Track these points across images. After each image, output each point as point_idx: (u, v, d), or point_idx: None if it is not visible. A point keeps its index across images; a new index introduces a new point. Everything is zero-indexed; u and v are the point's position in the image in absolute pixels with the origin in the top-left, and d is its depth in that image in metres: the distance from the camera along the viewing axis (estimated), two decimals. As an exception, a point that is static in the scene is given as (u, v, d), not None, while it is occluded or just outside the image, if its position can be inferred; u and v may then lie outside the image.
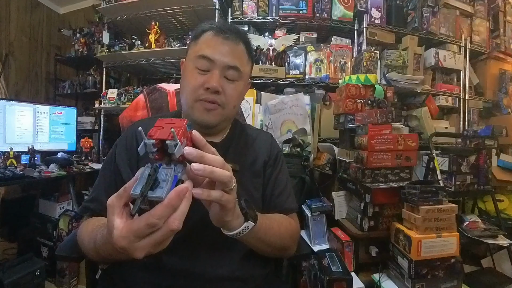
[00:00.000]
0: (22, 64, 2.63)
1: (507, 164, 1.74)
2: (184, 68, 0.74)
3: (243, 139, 0.79)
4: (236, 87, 0.71)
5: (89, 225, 0.63)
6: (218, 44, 0.68)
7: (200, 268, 0.63)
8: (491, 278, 1.37)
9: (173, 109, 0.98)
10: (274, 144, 0.84)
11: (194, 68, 0.69)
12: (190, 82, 0.69)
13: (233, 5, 1.91)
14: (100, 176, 0.73)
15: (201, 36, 0.70)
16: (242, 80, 0.72)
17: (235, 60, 0.69)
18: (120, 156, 0.71)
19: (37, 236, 1.80)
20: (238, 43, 0.70)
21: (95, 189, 0.71)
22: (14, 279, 1.38)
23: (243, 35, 0.73)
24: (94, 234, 0.55)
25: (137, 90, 2.03)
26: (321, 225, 1.41)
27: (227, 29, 0.70)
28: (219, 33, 0.68)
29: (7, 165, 1.64)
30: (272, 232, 0.64)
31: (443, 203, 1.12)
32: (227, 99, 0.69)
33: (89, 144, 2.14)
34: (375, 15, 1.85)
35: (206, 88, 0.66)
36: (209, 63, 0.67)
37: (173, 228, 0.37)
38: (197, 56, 0.68)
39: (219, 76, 0.67)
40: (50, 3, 2.89)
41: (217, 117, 0.70)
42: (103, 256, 0.54)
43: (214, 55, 0.67)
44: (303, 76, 1.89)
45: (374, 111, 1.27)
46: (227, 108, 0.70)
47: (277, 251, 0.70)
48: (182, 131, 0.39)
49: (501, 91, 2.13)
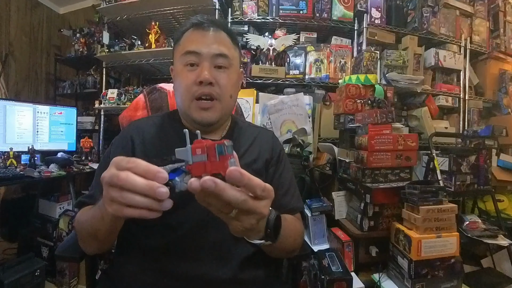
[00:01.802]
0: (22, 64, 2.63)
1: (507, 164, 1.74)
2: (174, 72, 0.74)
3: (244, 136, 0.78)
4: (229, 75, 0.70)
5: (85, 210, 0.64)
6: (200, 37, 0.68)
7: (200, 270, 0.63)
8: (491, 278, 1.37)
9: (173, 109, 0.97)
10: (276, 142, 0.83)
11: (182, 67, 0.68)
12: (182, 82, 0.68)
13: (233, 5, 1.91)
14: (97, 175, 0.72)
15: (182, 36, 0.71)
16: (232, 68, 0.71)
17: (220, 47, 0.68)
18: (115, 155, 0.70)
19: (37, 236, 1.80)
20: (219, 31, 0.70)
21: (92, 187, 0.71)
22: (14, 279, 1.38)
23: (222, 23, 0.73)
24: (90, 210, 0.56)
25: (137, 90, 2.02)
26: (321, 225, 1.41)
27: (205, 20, 0.70)
28: (198, 26, 0.69)
29: (7, 165, 1.64)
30: (287, 240, 0.63)
31: (443, 203, 1.12)
32: (222, 90, 0.68)
33: (89, 144, 2.14)
34: (375, 15, 1.85)
35: (199, 82, 0.66)
36: (196, 56, 0.67)
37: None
38: (183, 54, 0.68)
39: (209, 67, 0.67)
40: (50, 3, 2.90)
41: (216, 113, 0.69)
42: (96, 229, 0.53)
43: (199, 47, 0.67)
44: (303, 76, 1.89)
45: (374, 111, 1.27)
46: (223, 100, 0.70)
47: (285, 254, 0.71)
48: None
49: (501, 91, 2.13)
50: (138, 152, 0.69)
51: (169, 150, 0.64)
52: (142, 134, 0.72)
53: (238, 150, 0.74)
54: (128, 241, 0.68)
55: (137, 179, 0.36)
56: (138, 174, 0.37)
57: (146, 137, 0.72)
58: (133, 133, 0.72)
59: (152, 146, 0.70)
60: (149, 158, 0.50)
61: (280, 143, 0.87)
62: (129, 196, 0.37)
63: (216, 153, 0.36)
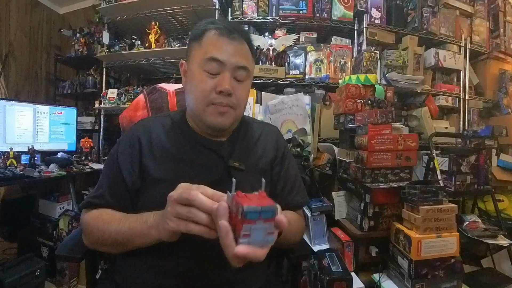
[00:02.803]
0: (22, 64, 2.63)
1: (507, 164, 1.74)
2: (188, 71, 0.71)
3: (249, 135, 0.79)
4: (245, 86, 0.70)
5: (104, 213, 0.65)
6: (226, 45, 0.66)
7: (202, 269, 0.63)
8: (491, 278, 1.37)
9: (172, 109, 0.97)
10: (280, 139, 0.83)
11: (202, 71, 0.66)
12: (199, 86, 0.67)
13: (233, 5, 1.91)
14: (104, 174, 0.73)
15: (204, 36, 0.67)
16: (249, 79, 0.71)
17: (243, 60, 0.67)
18: (123, 155, 0.70)
19: (37, 236, 1.80)
20: (243, 42, 0.68)
21: (100, 186, 0.70)
22: (14, 279, 1.38)
23: (246, 33, 0.72)
24: (122, 220, 0.60)
25: (137, 90, 2.03)
26: (321, 225, 1.40)
27: (232, 28, 0.68)
28: (225, 33, 0.66)
29: (7, 165, 1.64)
30: (285, 238, 0.64)
31: (443, 203, 1.12)
32: (238, 100, 0.69)
33: (89, 144, 2.14)
34: (375, 15, 1.85)
35: (218, 91, 0.65)
36: (219, 65, 0.65)
37: None
38: (205, 59, 0.66)
39: (230, 78, 0.66)
40: (50, 3, 2.90)
41: (230, 119, 0.69)
42: (129, 240, 0.59)
43: (224, 56, 0.65)
44: (303, 76, 1.89)
45: (374, 111, 1.27)
46: (238, 109, 0.70)
47: (286, 246, 0.75)
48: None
49: (501, 91, 2.13)
50: (145, 152, 0.69)
51: (176, 152, 0.68)
52: (149, 134, 0.72)
53: (244, 149, 0.75)
54: None
55: (205, 198, 0.45)
56: (206, 196, 0.46)
57: (153, 137, 0.71)
58: (140, 133, 0.72)
59: (159, 147, 0.70)
60: (159, 160, 0.63)
61: (284, 139, 0.87)
62: (196, 212, 0.45)
63: (239, 213, 0.40)
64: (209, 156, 0.70)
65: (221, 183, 0.58)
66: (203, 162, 0.69)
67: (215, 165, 0.69)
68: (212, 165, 0.69)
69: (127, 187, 0.67)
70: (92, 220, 0.65)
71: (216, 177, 0.66)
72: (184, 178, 0.61)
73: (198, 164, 0.69)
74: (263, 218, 0.39)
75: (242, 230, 0.39)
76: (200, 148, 0.71)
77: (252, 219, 0.39)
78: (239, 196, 0.42)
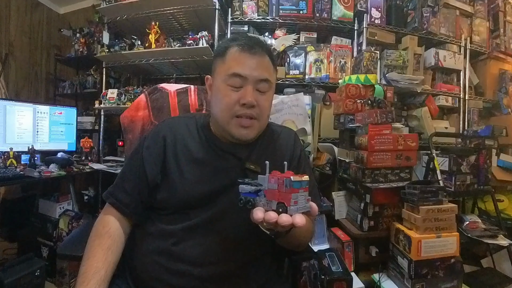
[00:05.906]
0: (22, 64, 2.63)
1: (507, 164, 1.74)
2: (213, 86, 0.75)
3: (267, 138, 0.81)
4: (268, 97, 0.73)
5: (103, 239, 0.69)
6: (247, 60, 0.69)
7: (210, 259, 0.67)
8: (491, 278, 1.37)
9: (173, 109, 0.98)
10: (297, 143, 0.85)
11: (226, 85, 0.70)
12: (223, 100, 0.70)
13: (233, 5, 1.91)
14: (127, 166, 0.78)
15: (227, 53, 0.71)
16: (271, 90, 0.75)
17: (264, 73, 0.71)
18: (148, 149, 0.75)
19: (37, 236, 1.80)
20: (264, 55, 0.72)
21: (125, 179, 0.75)
22: (14, 279, 1.38)
23: (267, 47, 0.75)
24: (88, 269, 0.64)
25: (137, 90, 2.02)
26: (321, 225, 1.41)
27: (254, 43, 0.71)
28: (246, 48, 0.70)
29: (7, 165, 1.64)
30: (295, 238, 0.68)
31: (443, 203, 1.13)
32: (261, 111, 0.71)
33: (89, 144, 2.14)
34: (375, 15, 1.85)
35: (242, 104, 0.68)
36: (241, 80, 0.69)
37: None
38: (229, 74, 0.69)
39: (252, 90, 0.69)
40: (50, 3, 2.90)
41: (254, 131, 0.72)
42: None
43: (245, 71, 0.69)
44: (303, 76, 1.89)
45: (374, 111, 1.27)
46: (262, 120, 0.73)
47: (294, 246, 0.75)
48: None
49: (501, 91, 2.13)
50: (168, 151, 0.74)
51: (197, 153, 0.74)
52: (174, 135, 0.76)
53: (262, 152, 0.77)
54: (147, 227, 0.73)
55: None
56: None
57: (178, 138, 0.75)
58: (166, 132, 0.76)
59: (182, 148, 0.74)
60: (181, 160, 0.73)
61: (301, 143, 0.89)
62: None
63: (284, 185, 0.48)
64: (228, 158, 0.74)
65: (237, 185, 0.59)
66: (222, 164, 0.73)
67: (233, 167, 0.73)
68: (230, 167, 0.73)
69: (147, 179, 0.72)
70: (93, 235, 0.71)
71: (233, 179, 0.67)
72: (203, 179, 0.70)
73: (217, 166, 0.73)
74: (303, 187, 0.49)
75: (291, 198, 0.48)
76: (219, 152, 0.75)
77: (297, 188, 0.48)
78: (278, 174, 0.50)
